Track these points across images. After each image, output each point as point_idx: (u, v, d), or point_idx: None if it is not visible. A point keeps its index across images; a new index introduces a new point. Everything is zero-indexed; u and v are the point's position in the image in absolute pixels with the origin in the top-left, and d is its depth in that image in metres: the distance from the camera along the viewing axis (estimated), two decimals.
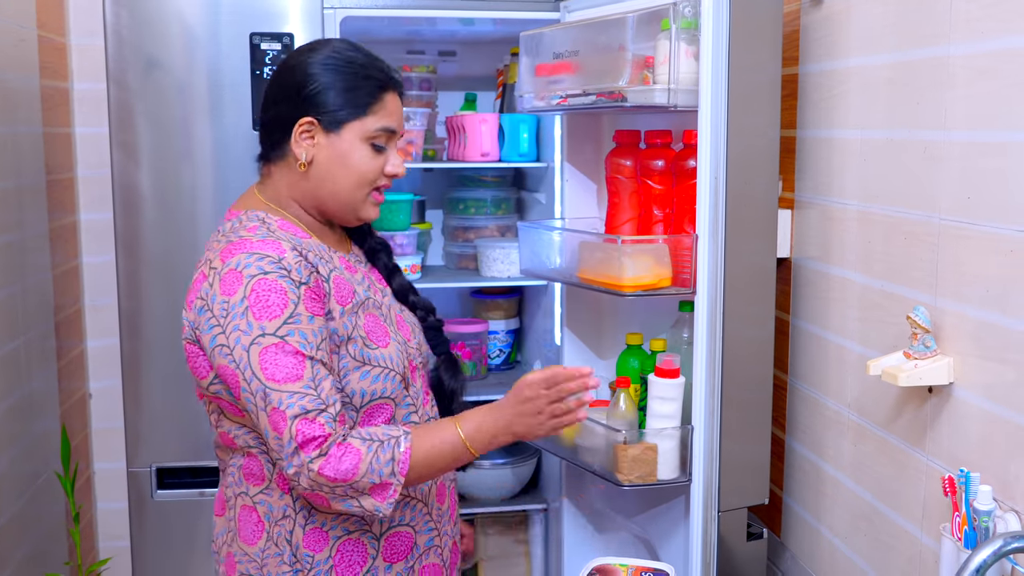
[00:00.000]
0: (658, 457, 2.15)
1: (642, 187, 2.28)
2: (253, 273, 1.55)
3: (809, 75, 2.25)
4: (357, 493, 1.54)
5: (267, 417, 1.53)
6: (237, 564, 1.69)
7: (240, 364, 1.53)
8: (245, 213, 1.69)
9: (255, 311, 1.53)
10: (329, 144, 1.66)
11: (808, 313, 2.27)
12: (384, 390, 1.66)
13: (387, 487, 1.54)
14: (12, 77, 2.62)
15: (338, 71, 1.65)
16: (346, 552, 1.67)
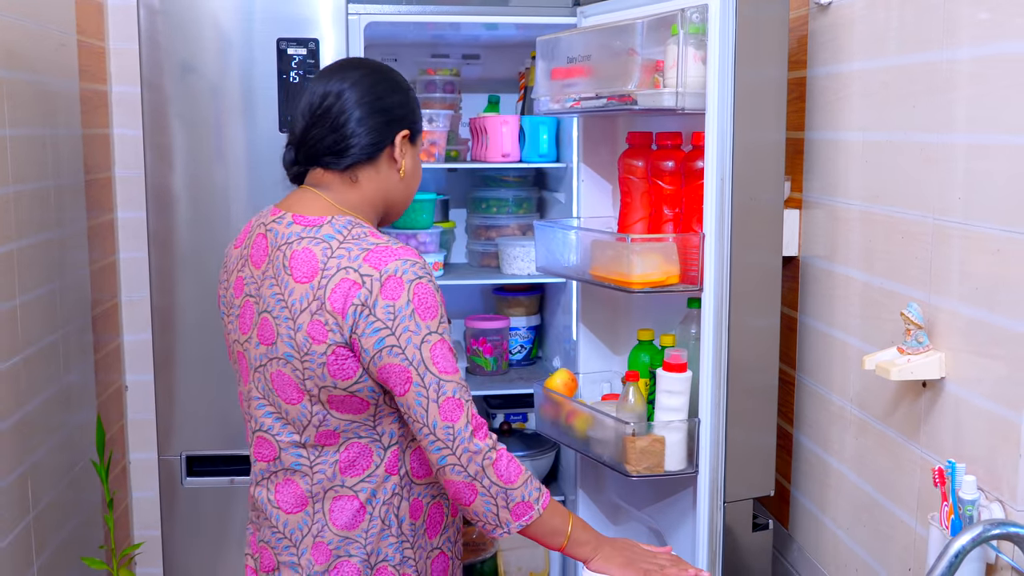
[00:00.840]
0: (665, 449, 2.22)
1: (653, 187, 2.35)
2: (411, 278, 1.68)
3: (816, 78, 2.31)
4: (505, 501, 1.70)
5: (438, 408, 1.67)
6: (333, 550, 1.79)
7: (413, 361, 1.67)
8: (336, 220, 1.76)
9: (419, 312, 1.68)
10: (412, 153, 1.87)
11: (815, 310, 2.33)
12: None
13: (528, 510, 1.71)
14: (53, 81, 2.74)
15: (409, 91, 1.87)
16: (433, 514, 1.85)
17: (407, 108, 1.84)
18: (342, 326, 1.67)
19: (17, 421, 2.41)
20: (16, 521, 2.39)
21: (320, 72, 1.86)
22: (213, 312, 2.67)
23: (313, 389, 1.71)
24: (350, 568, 1.78)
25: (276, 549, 1.83)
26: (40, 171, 2.61)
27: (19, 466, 2.42)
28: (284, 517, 1.82)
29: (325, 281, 1.68)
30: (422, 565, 1.84)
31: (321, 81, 1.81)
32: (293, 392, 1.73)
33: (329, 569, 1.78)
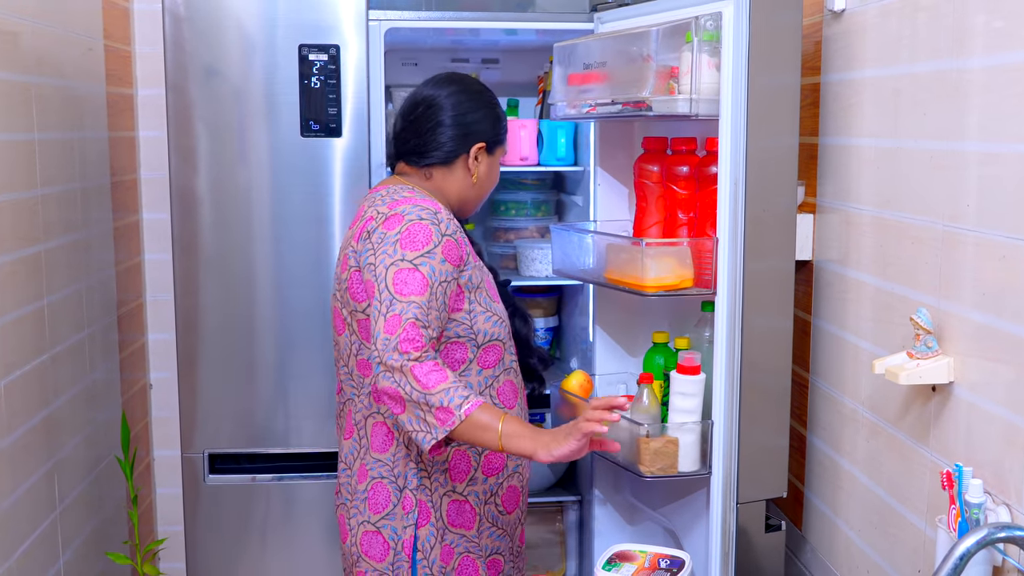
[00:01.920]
0: (679, 450, 2.25)
1: (668, 192, 2.38)
2: (412, 217, 1.97)
3: (830, 85, 2.33)
4: (426, 408, 1.83)
5: (384, 320, 1.87)
6: (369, 471, 2.09)
7: (378, 278, 1.92)
8: (395, 186, 2.11)
9: (402, 242, 1.94)
10: (488, 163, 2.17)
11: (828, 314, 2.35)
12: (498, 334, 2.09)
13: (450, 415, 1.82)
14: (80, 85, 2.79)
15: (495, 109, 2.18)
16: (456, 459, 2.07)
17: (487, 123, 2.15)
18: (355, 252, 2.02)
19: (44, 418, 2.47)
20: (42, 517, 2.45)
21: (425, 81, 2.19)
22: (236, 313, 2.73)
23: (347, 317, 2.06)
24: (382, 490, 2.06)
25: (340, 473, 2.18)
26: (67, 173, 2.67)
27: (46, 462, 2.48)
28: (344, 444, 2.17)
29: (358, 224, 2.05)
30: (436, 499, 2.05)
31: (421, 90, 2.16)
32: (340, 323, 2.11)
33: (368, 489, 2.07)
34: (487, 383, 2.10)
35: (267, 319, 2.74)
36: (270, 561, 2.81)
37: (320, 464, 2.78)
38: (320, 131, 2.67)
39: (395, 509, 2.06)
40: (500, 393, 2.13)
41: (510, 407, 2.14)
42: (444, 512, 2.07)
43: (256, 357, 2.74)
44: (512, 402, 2.16)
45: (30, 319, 2.40)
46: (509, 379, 2.16)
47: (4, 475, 2.23)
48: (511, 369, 2.16)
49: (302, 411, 2.77)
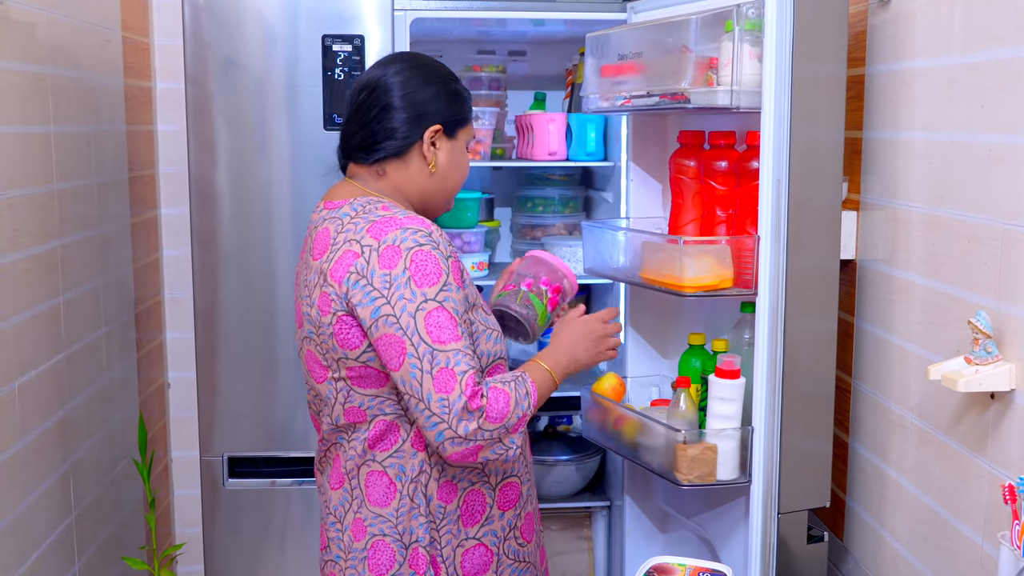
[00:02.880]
0: (717, 457, 2.16)
1: (705, 188, 2.29)
2: (410, 246, 1.68)
3: (876, 76, 2.23)
4: (506, 433, 1.68)
5: (432, 379, 1.64)
6: (368, 527, 1.81)
7: (407, 330, 1.65)
8: (357, 200, 1.80)
9: (416, 279, 1.67)
10: (450, 148, 1.86)
11: (872, 315, 2.26)
12: (499, 352, 1.85)
13: (524, 419, 1.71)
14: (97, 77, 2.72)
15: (456, 85, 1.86)
16: (470, 501, 1.83)
17: (441, 101, 1.82)
18: (340, 295, 1.70)
19: (59, 419, 2.40)
20: (58, 521, 2.38)
21: (372, 63, 1.91)
22: (256, 310, 2.65)
23: (332, 364, 1.76)
24: (385, 548, 1.81)
25: (327, 525, 1.89)
26: (84, 168, 2.60)
27: (61, 465, 2.41)
28: (330, 494, 1.88)
29: (331, 255, 1.73)
30: (449, 552, 1.82)
31: (365, 72, 1.87)
32: (319, 370, 1.80)
33: (367, 547, 1.82)
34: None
35: (287, 317, 2.66)
36: (290, 566, 2.74)
37: None
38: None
39: (401, 569, 1.80)
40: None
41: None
42: (458, 565, 1.83)
43: (276, 356, 2.67)
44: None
45: (45, 317, 2.32)
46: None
47: (19, 479, 2.16)
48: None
49: None
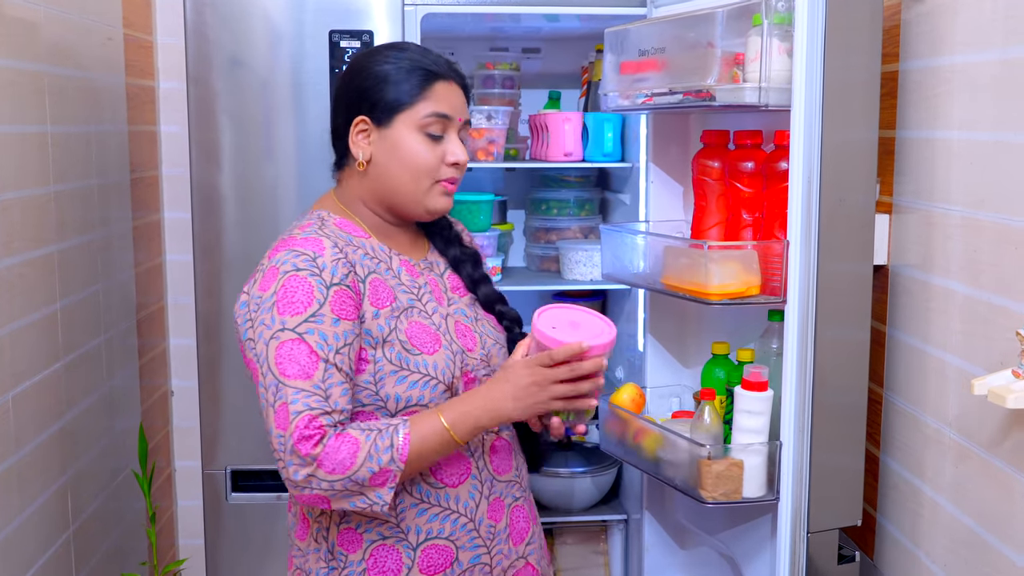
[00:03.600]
0: (744, 474, 2.05)
1: (730, 190, 2.18)
2: (287, 270, 1.57)
3: (910, 72, 2.12)
4: (358, 487, 1.52)
5: (274, 413, 1.53)
6: (294, 559, 1.75)
7: (260, 358, 1.56)
8: (311, 212, 1.74)
9: (280, 306, 1.55)
10: (382, 139, 1.67)
11: (906, 324, 2.15)
12: (421, 397, 1.64)
13: (387, 474, 1.52)
14: (98, 76, 2.63)
15: (384, 66, 1.68)
16: (380, 557, 1.66)
17: (365, 88, 1.68)
18: (236, 314, 1.64)
19: (58, 430, 2.30)
20: (56, 535, 2.29)
21: None
22: None
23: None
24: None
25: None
26: (84, 169, 2.51)
27: (60, 477, 2.32)
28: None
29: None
30: None
31: None
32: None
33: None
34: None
35: None
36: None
37: None
38: None
39: None
40: (433, 470, 1.68)
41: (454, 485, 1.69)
42: None
43: None
44: (457, 478, 1.70)
45: (42, 325, 2.23)
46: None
47: (13, 492, 2.07)
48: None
49: None
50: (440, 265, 1.83)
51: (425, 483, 1.67)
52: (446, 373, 1.66)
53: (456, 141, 1.70)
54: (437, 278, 1.80)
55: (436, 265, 1.83)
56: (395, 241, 1.77)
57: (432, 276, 1.79)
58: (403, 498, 1.66)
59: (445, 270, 1.83)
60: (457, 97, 1.71)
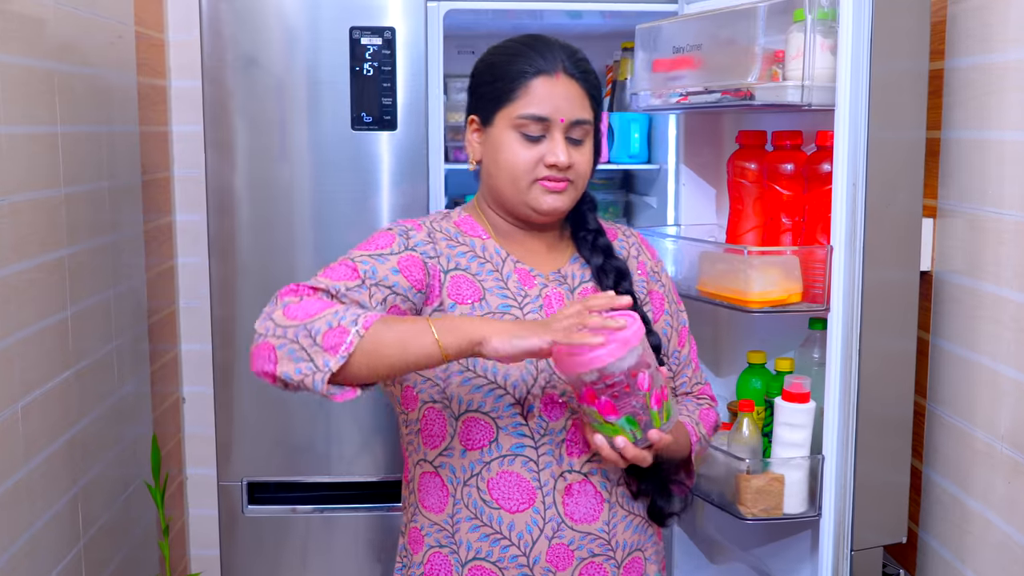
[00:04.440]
0: (785, 489, 1.97)
1: (768, 193, 2.10)
2: (382, 228, 1.63)
3: (957, 70, 2.03)
4: (309, 341, 1.37)
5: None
6: (425, 537, 1.63)
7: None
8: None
9: (361, 245, 1.57)
10: (487, 138, 1.63)
11: (952, 333, 2.06)
12: (483, 404, 1.56)
13: (343, 335, 1.36)
14: (109, 74, 2.55)
15: (491, 64, 1.63)
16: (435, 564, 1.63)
17: (471, 86, 1.65)
18: None
19: (68, 441, 2.23)
20: (66, 549, 2.21)
21: None
22: None
23: None
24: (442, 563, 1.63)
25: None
26: (95, 171, 2.43)
27: (70, 488, 2.24)
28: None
29: None
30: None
31: None
32: None
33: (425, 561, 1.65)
34: (470, 472, 1.59)
35: None
36: None
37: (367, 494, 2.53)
38: (373, 124, 2.40)
39: None
40: (492, 488, 1.58)
41: (512, 511, 1.58)
42: None
43: None
44: (516, 504, 1.58)
45: (53, 331, 2.15)
46: (509, 470, 1.58)
47: (23, 506, 1.99)
48: (515, 456, 1.57)
49: (345, 435, 2.50)
50: (577, 277, 1.69)
51: (481, 499, 1.58)
52: (518, 386, 1.55)
53: (558, 142, 1.58)
54: (565, 292, 1.66)
55: (571, 278, 1.68)
56: (521, 247, 1.68)
57: (557, 290, 1.65)
58: (459, 509, 1.59)
59: (581, 284, 1.69)
60: (563, 96, 1.58)
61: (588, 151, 1.63)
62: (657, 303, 1.75)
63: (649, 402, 1.44)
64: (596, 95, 1.64)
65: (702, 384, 1.84)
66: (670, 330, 1.76)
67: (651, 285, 1.75)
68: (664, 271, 1.81)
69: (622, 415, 1.44)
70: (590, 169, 1.65)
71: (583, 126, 1.61)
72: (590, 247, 1.70)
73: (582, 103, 1.60)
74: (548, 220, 1.65)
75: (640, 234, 1.83)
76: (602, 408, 1.44)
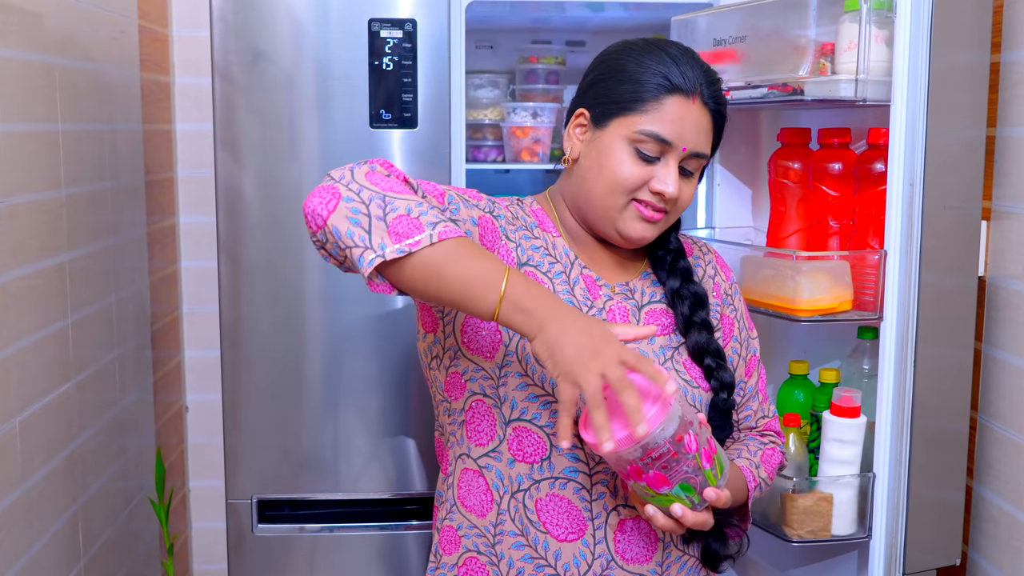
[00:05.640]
0: (833, 509, 1.85)
1: (814, 194, 1.98)
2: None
3: (1015, 64, 1.92)
4: (380, 214, 1.25)
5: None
6: (462, 539, 1.50)
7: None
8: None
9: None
10: (594, 139, 1.46)
11: (1008, 342, 1.94)
12: (537, 416, 1.43)
13: (416, 231, 1.24)
14: (111, 70, 2.43)
15: (624, 62, 1.45)
16: (472, 569, 1.49)
17: (590, 79, 1.49)
18: None
19: (68, 456, 2.10)
20: (67, 569, 2.09)
21: None
22: (284, 331, 2.35)
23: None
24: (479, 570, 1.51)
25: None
26: (97, 171, 2.30)
27: (71, 505, 2.12)
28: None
29: None
30: None
31: None
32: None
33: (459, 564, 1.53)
34: (517, 484, 1.45)
35: (317, 334, 2.35)
36: None
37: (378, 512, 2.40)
38: (392, 121, 2.28)
39: None
40: (540, 509, 1.45)
41: (560, 539, 1.45)
42: None
43: (306, 384, 2.36)
44: (565, 533, 1.45)
45: (52, 341, 2.03)
46: (559, 494, 1.44)
47: (21, 526, 1.87)
48: (567, 480, 1.44)
49: (354, 446, 2.37)
50: (647, 295, 1.56)
51: (527, 517, 1.45)
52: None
53: (672, 170, 1.43)
54: (631, 307, 1.53)
55: (640, 293, 1.55)
56: (590, 253, 1.54)
57: (623, 304, 1.52)
58: (503, 520, 1.46)
59: (651, 303, 1.55)
60: (694, 123, 1.43)
61: (694, 186, 1.49)
62: (727, 329, 1.61)
63: (700, 462, 1.30)
64: (721, 129, 1.50)
65: (769, 418, 1.67)
66: (737, 359, 1.61)
67: (723, 309, 1.61)
68: (738, 294, 1.65)
69: (675, 484, 1.30)
70: (690, 203, 1.51)
71: (700, 159, 1.47)
72: (668, 268, 1.56)
73: (708, 135, 1.46)
74: (627, 247, 1.52)
75: (717, 252, 1.69)
76: (652, 482, 1.30)
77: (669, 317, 1.55)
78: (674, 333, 1.54)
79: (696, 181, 1.49)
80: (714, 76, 1.48)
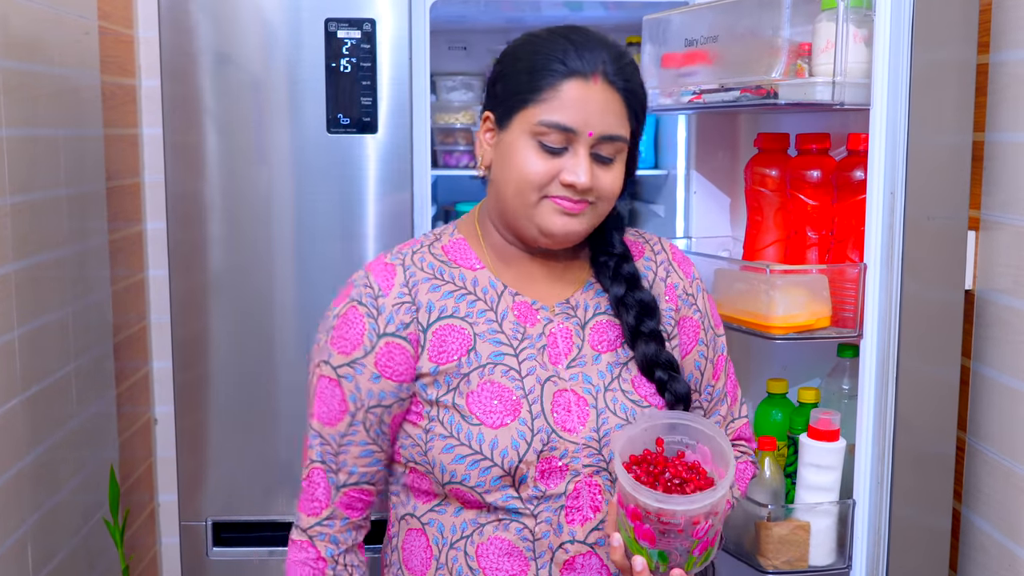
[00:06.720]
0: (811, 538, 1.75)
1: (791, 203, 1.88)
2: (354, 296, 1.40)
3: (1004, 65, 1.81)
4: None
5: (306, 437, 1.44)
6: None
7: (308, 381, 1.44)
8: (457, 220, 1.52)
9: (335, 336, 1.39)
10: (500, 141, 1.38)
11: (997, 359, 1.84)
12: (467, 477, 1.33)
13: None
14: (73, 74, 2.33)
15: (521, 54, 1.36)
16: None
17: (492, 79, 1.40)
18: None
19: (16, 473, 2.01)
20: None
21: None
22: (248, 344, 2.25)
23: None
24: None
25: None
26: (51, 178, 2.21)
27: (19, 526, 2.02)
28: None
29: None
30: None
31: None
32: None
33: None
34: (461, 532, 1.38)
35: (287, 348, 2.25)
36: None
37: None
38: (351, 126, 2.18)
39: None
40: (480, 555, 1.37)
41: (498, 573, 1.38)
42: None
43: (270, 401, 2.26)
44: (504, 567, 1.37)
45: None
46: (503, 536, 1.37)
47: None
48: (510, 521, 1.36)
49: None
50: (590, 308, 1.45)
51: (467, 565, 1.37)
52: (507, 455, 1.32)
53: (582, 158, 1.32)
54: (574, 327, 1.43)
55: (583, 308, 1.45)
56: (522, 274, 1.44)
57: (564, 325, 1.43)
58: (443, 564, 1.38)
59: (596, 316, 1.45)
60: (597, 105, 1.32)
61: (617, 172, 1.37)
62: (690, 333, 1.50)
63: (694, 547, 1.23)
64: (638, 109, 1.38)
65: (738, 421, 1.55)
66: (704, 362, 1.50)
67: (683, 311, 1.49)
68: (701, 291, 1.53)
69: (657, 548, 1.23)
70: (617, 191, 1.39)
71: (615, 143, 1.35)
72: (611, 274, 1.45)
73: (619, 117, 1.35)
74: (558, 246, 1.41)
75: (674, 246, 1.57)
76: (640, 532, 1.23)
77: (616, 329, 1.44)
78: (622, 347, 1.44)
79: (619, 167, 1.38)
80: (620, 51, 1.36)
